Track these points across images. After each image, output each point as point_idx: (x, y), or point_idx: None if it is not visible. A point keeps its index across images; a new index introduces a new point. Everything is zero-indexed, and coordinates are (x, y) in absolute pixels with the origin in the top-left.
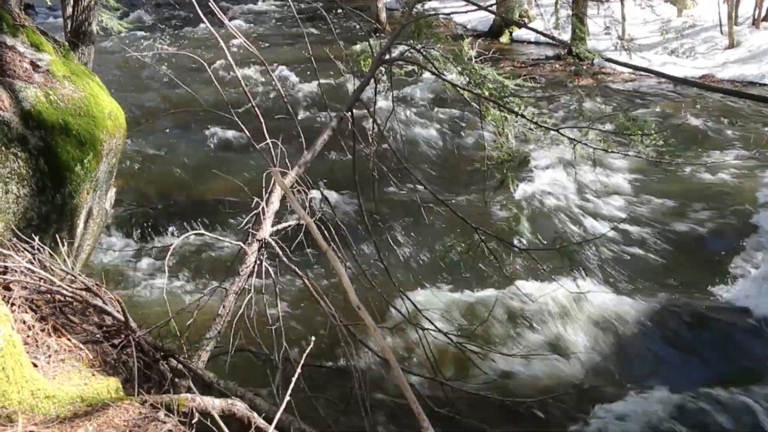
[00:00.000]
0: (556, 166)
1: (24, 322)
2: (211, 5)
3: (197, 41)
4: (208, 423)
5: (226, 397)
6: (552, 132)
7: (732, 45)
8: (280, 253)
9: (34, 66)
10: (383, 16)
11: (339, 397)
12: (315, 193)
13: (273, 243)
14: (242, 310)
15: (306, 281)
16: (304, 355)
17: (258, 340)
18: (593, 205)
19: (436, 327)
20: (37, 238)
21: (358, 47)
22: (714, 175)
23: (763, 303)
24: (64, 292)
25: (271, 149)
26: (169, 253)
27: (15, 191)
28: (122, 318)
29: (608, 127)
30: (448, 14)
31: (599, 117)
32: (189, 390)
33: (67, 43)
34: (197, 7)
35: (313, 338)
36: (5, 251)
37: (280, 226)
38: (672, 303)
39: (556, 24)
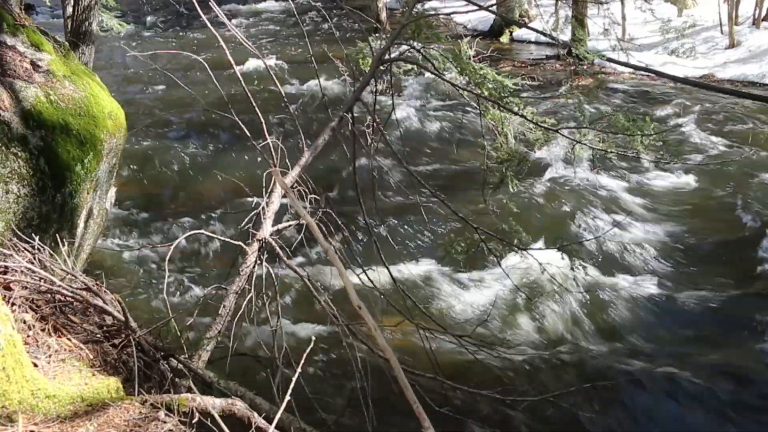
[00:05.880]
0: (556, 165)
1: (24, 322)
2: (211, 5)
3: (197, 41)
4: (209, 423)
5: (227, 397)
6: (552, 132)
7: (732, 45)
8: (281, 252)
9: (35, 66)
10: (383, 15)
11: (339, 397)
12: (315, 193)
13: (273, 243)
14: (242, 310)
15: (306, 281)
16: (305, 355)
17: (258, 339)
18: (593, 205)
19: (438, 325)
20: (37, 238)
21: (358, 48)
22: (714, 175)
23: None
24: (65, 291)
25: (272, 149)
26: (169, 253)
27: (15, 191)
28: (122, 318)
29: (608, 127)
30: (448, 14)
31: (599, 117)
32: (189, 390)
33: (67, 43)
34: (197, 7)
35: (313, 338)
36: (6, 251)
37: (280, 226)
38: (673, 302)
39: (555, 25)
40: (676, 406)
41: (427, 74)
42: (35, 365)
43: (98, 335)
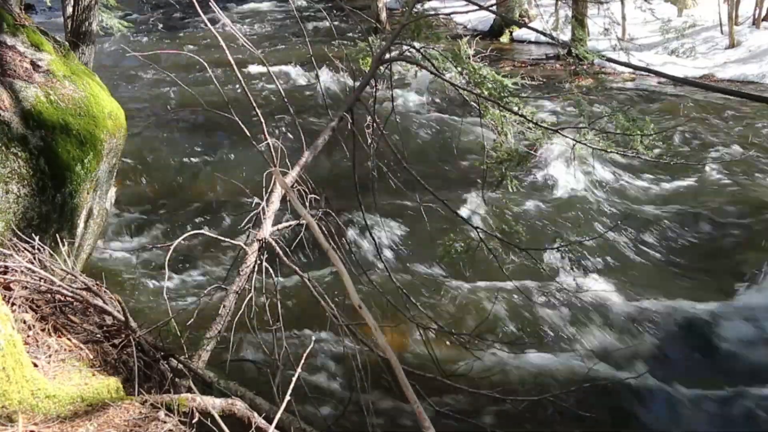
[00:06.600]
0: (555, 165)
1: (24, 322)
2: (211, 5)
3: (197, 41)
4: (209, 423)
5: (227, 397)
6: (551, 132)
7: (732, 45)
8: (281, 252)
9: (35, 66)
10: (383, 15)
11: (339, 397)
12: (315, 193)
13: (273, 243)
14: (242, 310)
15: (306, 281)
16: (305, 355)
17: (258, 339)
18: (592, 205)
19: (438, 324)
20: (37, 238)
21: (358, 48)
22: (713, 175)
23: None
24: (65, 291)
25: (271, 149)
26: (169, 253)
27: (15, 191)
28: (122, 318)
29: (608, 127)
30: (448, 14)
31: (599, 117)
32: (189, 390)
33: (67, 43)
34: (197, 7)
35: (313, 338)
36: (6, 251)
37: (280, 226)
38: (672, 302)
39: (555, 25)
40: (675, 406)
41: (427, 74)
42: (35, 365)
43: (98, 335)
